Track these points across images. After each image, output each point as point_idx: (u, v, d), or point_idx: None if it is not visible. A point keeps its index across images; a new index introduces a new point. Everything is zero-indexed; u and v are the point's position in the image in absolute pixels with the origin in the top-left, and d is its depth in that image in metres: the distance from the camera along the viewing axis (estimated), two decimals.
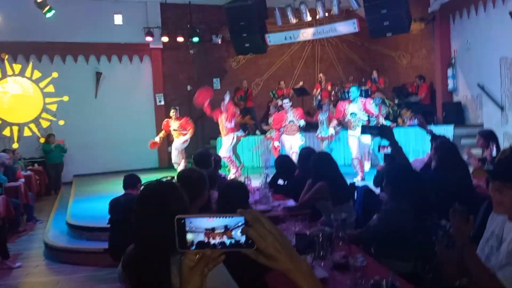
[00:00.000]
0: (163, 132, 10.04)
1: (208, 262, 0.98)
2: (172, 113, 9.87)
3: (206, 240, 0.93)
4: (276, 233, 0.93)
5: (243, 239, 0.92)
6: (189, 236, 0.93)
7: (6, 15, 10.55)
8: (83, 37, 11.48)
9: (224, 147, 9.33)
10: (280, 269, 0.94)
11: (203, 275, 1.00)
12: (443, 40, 10.35)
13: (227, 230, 0.92)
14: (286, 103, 8.88)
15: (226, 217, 0.92)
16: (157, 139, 10.14)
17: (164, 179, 1.97)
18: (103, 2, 11.68)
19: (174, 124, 9.82)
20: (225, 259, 0.99)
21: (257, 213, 0.94)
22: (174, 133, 9.88)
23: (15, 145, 11.04)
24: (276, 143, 9.22)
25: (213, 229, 0.92)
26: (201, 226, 0.93)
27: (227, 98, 9.39)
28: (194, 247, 0.94)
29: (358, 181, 7.55)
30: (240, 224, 0.92)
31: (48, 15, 9.45)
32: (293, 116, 8.84)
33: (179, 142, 9.82)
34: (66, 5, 10.69)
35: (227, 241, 0.92)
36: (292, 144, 8.79)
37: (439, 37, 10.42)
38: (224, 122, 9.24)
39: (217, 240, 0.93)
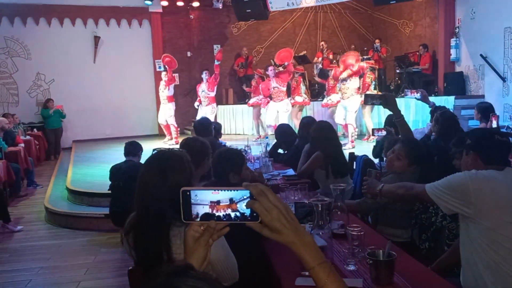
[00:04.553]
0: None
1: (213, 233, 0.99)
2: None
3: (211, 212, 0.94)
4: (281, 206, 0.94)
5: (248, 212, 0.93)
6: (194, 208, 0.94)
7: None
8: None
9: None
10: (284, 242, 0.95)
11: (207, 246, 1.01)
12: (447, 8, 10.13)
13: (232, 203, 0.93)
14: (271, 70, 9.34)
15: (231, 190, 0.93)
16: None
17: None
18: None
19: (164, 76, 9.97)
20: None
21: (263, 186, 0.94)
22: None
23: None
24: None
25: (218, 202, 0.93)
26: (206, 199, 0.93)
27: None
28: (199, 219, 0.95)
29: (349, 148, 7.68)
30: (245, 197, 0.92)
31: None
32: (276, 83, 9.16)
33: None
34: None
35: (232, 214, 0.93)
36: (279, 110, 9.11)
37: (443, 5, 10.20)
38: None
39: (222, 213, 0.93)
